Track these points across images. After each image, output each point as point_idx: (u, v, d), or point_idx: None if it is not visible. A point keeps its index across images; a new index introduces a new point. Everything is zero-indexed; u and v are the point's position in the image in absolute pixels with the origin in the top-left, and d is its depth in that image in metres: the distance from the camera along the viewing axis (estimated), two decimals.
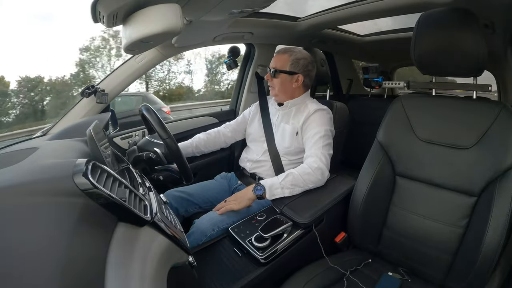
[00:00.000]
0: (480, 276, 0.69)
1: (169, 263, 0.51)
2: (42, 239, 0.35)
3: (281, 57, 1.11)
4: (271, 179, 0.96)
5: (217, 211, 0.96)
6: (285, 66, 1.10)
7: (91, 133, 0.57)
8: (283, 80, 1.11)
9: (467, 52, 0.75)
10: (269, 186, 0.93)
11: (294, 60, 1.10)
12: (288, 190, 0.93)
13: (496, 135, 0.74)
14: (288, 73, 1.10)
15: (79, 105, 1.13)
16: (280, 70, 1.10)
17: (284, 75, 1.10)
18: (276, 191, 0.93)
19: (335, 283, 0.78)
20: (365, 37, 1.92)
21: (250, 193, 0.94)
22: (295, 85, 1.12)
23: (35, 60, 16.07)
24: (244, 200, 0.94)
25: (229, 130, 1.29)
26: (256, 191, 0.92)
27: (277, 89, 1.13)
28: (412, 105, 0.91)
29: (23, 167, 0.48)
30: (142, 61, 1.19)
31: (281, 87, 1.12)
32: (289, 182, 0.93)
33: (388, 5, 1.09)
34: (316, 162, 0.98)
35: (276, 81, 1.12)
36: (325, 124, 1.07)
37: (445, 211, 0.79)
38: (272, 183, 0.94)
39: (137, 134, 1.26)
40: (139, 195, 0.52)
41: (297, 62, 1.10)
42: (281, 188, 0.93)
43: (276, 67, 1.11)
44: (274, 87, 1.13)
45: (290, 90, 1.13)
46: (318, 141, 1.02)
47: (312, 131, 1.05)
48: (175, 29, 0.66)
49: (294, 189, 0.94)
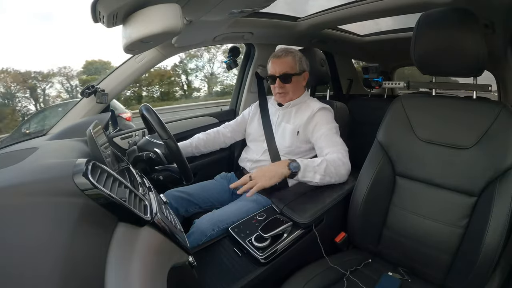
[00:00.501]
0: (480, 276, 0.69)
1: (169, 263, 0.51)
2: (42, 239, 0.35)
3: (287, 60, 1.10)
4: (307, 160, 0.90)
5: (245, 193, 0.83)
6: (294, 68, 1.10)
7: (91, 133, 0.57)
8: (296, 82, 1.11)
9: (467, 52, 0.75)
10: (305, 166, 0.87)
11: (299, 59, 1.11)
12: (319, 177, 0.89)
13: (496, 135, 0.74)
14: (299, 74, 1.11)
15: (79, 105, 1.13)
16: (292, 73, 1.09)
17: (296, 77, 1.11)
18: (309, 173, 0.88)
19: (335, 283, 0.78)
20: (365, 37, 1.91)
21: (284, 168, 0.85)
22: (303, 83, 1.14)
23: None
24: (277, 175, 0.84)
25: (228, 130, 1.29)
26: (293, 168, 0.85)
27: (291, 93, 1.12)
28: (412, 105, 0.91)
29: (23, 167, 0.48)
30: (142, 61, 1.19)
31: (295, 90, 1.12)
32: (322, 169, 0.89)
33: (388, 5, 1.09)
34: (344, 156, 0.97)
35: (290, 86, 1.11)
36: (333, 121, 1.08)
37: (445, 211, 0.79)
38: (308, 163, 0.88)
39: (137, 134, 1.26)
40: (139, 195, 0.52)
41: (301, 61, 1.12)
42: (314, 172, 0.88)
43: (288, 71, 1.09)
44: (288, 91, 1.11)
45: (301, 89, 1.15)
46: (334, 137, 1.03)
47: (323, 129, 1.04)
48: (175, 29, 0.66)
49: (324, 178, 0.90)
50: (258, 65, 1.55)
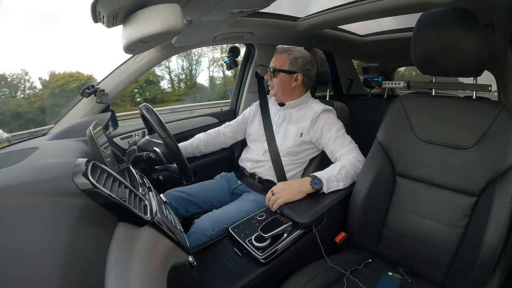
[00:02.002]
0: (480, 276, 0.69)
1: (169, 263, 0.51)
2: (42, 239, 0.35)
3: (280, 57, 1.12)
4: (326, 172, 0.95)
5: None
6: (283, 65, 1.10)
7: (91, 133, 0.57)
8: (282, 79, 1.11)
9: (467, 52, 0.75)
10: (327, 179, 0.92)
11: (292, 59, 1.10)
12: (342, 183, 0.94)
13: (496, 135, 0.74)
14: (287, 72, 1.10)
15: (79, 105, 1.13)
16: (279, 69, 1.10)
17: (283, 74, 1.11)
18: (332, 184, 0.93)
19: (335, 283, 0.78)
20: (365, 37, 1.91)
21: (307, 186, 0.91)
22: (294, 84, 1.12)
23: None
24: (300, 193, 0.90)
25: (229, 130, 1.29)
26: (316, 185, 0.90)
27: (276, 89, 1.13)
28: (412, 105, 0.91)
29: (23, 167, 0.48)
30: (142, 61, 1.19)
31: (280, 86, 1.12)
32: (343, 175, 0.94)
33: (388, 5, 1.09)
34: (358, 154, 1.01)
35: (275, 81, 1.12)
36: (338, 122, 1.09)
37: (445, 211, 0.79)
38: (329, 176, 0.93)
39: (137, 134, 1.26)
40: (139, 195, 0.52)
41: (295, 61, 1.10)
42: (337, 181, 0.93)
43: (275, 66, 1.11)
44: (273, 86, 1.14)
45: (289, 89, 1.13)
46: (343, 138, 1.04)
47: (330, 132, 1.05)
48: (175, 29, 0.66)
49: (347, 182, 0.95)
50: (258, 65, 1.55)
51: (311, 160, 1.15)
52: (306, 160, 1.14)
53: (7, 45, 12.05)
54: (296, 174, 1.13)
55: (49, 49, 13.04)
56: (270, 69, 1.12)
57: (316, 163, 1.13)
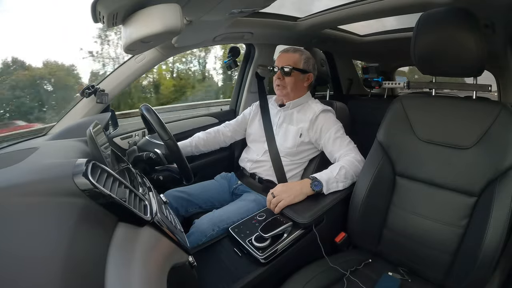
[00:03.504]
0: (480, 276, 0.69)
1: (169, 263, 0.51)
2: (42, 239, 0.35)
3: (293, 56, 1.11)
4: (325, 173, 0.94)
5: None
6: (299, 64, 1.10)
7: (91, 133, 0.57)
8: (297, 78, 1.11)
9: (467, 52, 0.75)
10: (326, 181, 0.91)
11: (305, 59, 1.11)
12: (342, 184, 0.94)
13: (496, 135, 0.74)
14: (302, 71, 1.11)
15: (79, 105, 1.13)
16: (295, 68, 1.10)
17: (298, 73, 1.11)
18: (332, 185, 0.93)
19: (335, 283, 0.78)
20: (365, 37, 1.91)
21: (307, 188, 0.90)
22: (306, 83, 1.13)
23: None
24: (300, 195, 0.89)
25: (229, 129, 1.29)
26: (315, 187, 0.90)
27: (289, 88, 1.11)
28: (412, 105, 0.91)
29: (23, 167, 0.48)
30: (142, 61, 1.19)
31: (294, 86, 1.12)
32: (343, 176, 0.94)
33: (388, 5, 1.09)
34: (357, 154, 1.01)
35: (289, 80, 1.11)
36: (336, 122, 1.09)
37: (445, 211, 0.79)
38: (328, 177, 0.93)
39: (137, 134, 1.26)
40: (139, 195, 0.52)
41: (308, 61, 1.12)
42: (336, 182, 0.93)
43: (290, 64, 1.09)
44: (286, 86, 1.12)
45: (302, 89, 1.14)
46: (341, 138, 1.04)
47: (330, 132, 1.05)
48: (175, 29, 0.66)
49: (346, 182, 0.95)
50: (258, 65, 1.55)
51: (311, 160, 1.15)
52: (306, 160, 1.14)
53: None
54: (296, 174, 1.13)
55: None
56: (278, 68, 1.10)
57: (316, 163, 1.13)
